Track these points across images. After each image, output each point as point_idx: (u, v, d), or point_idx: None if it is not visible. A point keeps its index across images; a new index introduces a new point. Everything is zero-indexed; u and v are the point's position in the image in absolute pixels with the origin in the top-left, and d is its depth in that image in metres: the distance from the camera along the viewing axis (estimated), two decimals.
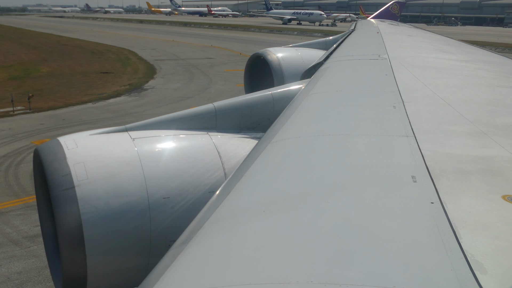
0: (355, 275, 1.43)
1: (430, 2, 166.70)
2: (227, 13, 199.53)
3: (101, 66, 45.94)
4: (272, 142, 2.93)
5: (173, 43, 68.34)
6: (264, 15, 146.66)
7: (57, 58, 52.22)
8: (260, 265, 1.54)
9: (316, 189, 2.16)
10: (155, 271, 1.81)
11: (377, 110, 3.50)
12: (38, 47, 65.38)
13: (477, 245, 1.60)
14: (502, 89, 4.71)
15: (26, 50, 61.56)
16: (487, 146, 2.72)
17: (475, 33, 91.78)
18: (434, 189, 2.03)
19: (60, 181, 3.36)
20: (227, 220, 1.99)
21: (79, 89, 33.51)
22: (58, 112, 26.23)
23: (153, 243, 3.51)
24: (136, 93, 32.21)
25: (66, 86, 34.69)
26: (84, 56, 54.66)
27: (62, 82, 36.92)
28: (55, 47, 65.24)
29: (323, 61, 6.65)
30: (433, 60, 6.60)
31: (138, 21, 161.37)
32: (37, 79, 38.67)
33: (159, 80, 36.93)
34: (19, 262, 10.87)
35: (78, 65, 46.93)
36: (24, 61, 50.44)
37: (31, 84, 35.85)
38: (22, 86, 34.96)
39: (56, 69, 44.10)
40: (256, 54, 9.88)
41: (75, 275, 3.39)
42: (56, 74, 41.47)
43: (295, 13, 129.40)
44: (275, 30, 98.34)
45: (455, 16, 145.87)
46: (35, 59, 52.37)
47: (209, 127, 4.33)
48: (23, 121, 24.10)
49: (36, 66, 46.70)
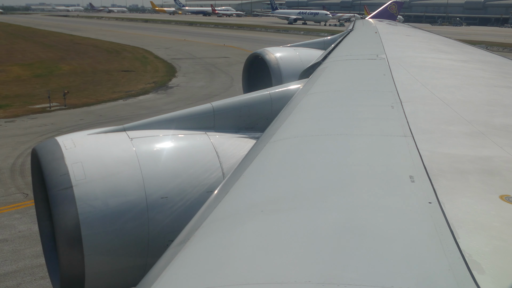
0: (353, 275, 1.42)
1: (435, 2, 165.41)
2: (231, 13, 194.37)
3: (120, 64, 46.06)
4: (270, 142, 2.91)
5: (185, 42, 68.47)
6: (270, 15, 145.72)
7: (75, 57, 52.39)
8: (258, 265, 1.53)
9: (314, 189, 2.14)
10: (153, 270, 1.79)
11: (375, 110, 3.47)
12: (53, 46, 65.20)
13: (475, 245, 1.59)
14: (500, 89, 4.66)
15: (42, 49, 61.41)
16: (485, 146, 2.70)
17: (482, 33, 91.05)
18: (432, 189, 2.01)
19: (58, 181, 3.33)
20: (225, 220, 1.98)
21: (105, 86, 33.99)
22: (93, 109, 26.83)
23: (151, 243, 3.49)
24: (162, 91, 32.71)
25: (92, 84, 34.90)
26: (100, 54, 54.56)
27: (86, 80, 37.22)
28: (70, 46, 65.07)
29: (321, 61, 6.58)
30: (431, 60, 6.56)
31: (143, 20, 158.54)
32: (61, 77, 38.81)
33: (182, 79, 37.29)
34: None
35: (98, 63, 47.00)
36: (43, 59, 50.39)
37: (57, 82, 35.91)
38: (48, 84, 35.01)
39: (77, 67, 44.26)
40: (254, 53, 9.79)
41: (73, 275, 3.36)
42: (78, 72, 41.66)
43: (301, 13, 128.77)
44: (281, 29, 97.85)
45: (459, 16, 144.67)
46: (53, 57, 52.45)
47: (207, 127, 4.31)
48: (62, 116, 24.69)
49: (56, 64, 46.80)
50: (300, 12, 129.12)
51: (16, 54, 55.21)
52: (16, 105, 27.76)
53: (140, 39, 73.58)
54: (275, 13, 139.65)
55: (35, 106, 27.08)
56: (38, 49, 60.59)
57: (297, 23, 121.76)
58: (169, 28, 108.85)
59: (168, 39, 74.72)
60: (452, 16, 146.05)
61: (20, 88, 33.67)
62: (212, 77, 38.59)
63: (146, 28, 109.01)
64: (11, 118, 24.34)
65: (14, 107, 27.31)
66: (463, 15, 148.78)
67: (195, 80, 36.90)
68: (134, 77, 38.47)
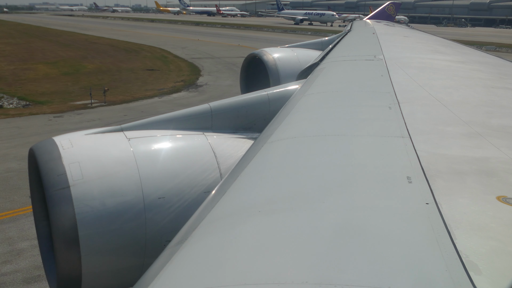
0: (350, 275, 1.41)
1: (439, 4, 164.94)
2: (236, 13, 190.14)
3: (143, 63, 45.97)
4: (268, 142, 2.88)
5: (199, 42, 68.49)
6: (276, 15, 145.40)
7: (96, 56, 51.98)
8: (255, 265, 1.52)
9: (311, 190, 2.12)
10: (150, 271, 1.77)
11: (372, 111, 3.44)
12: (70, 45, 64.67)
13: (472, 245, 1.57)
14: (497, 90, 4.61)
15: (60, 48, 60.86)
16: (482, 147, 2.66)
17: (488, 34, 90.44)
18: (429, 190, 1.99)
19: (55, 181, 3.29)
20: (223, 220, 1.96)
21: (135, 85, 34.55)
22: (132, 105, 27.40)
23: (148, 243, 3.45)
24: (193, 89, 33.24)
25: (121, 82, 35.15)
26: (120, 54, 54.27)
27: (114, 78, 37.33)
28: (87, 45, 64.38)
29: (319, 61, 6.43)
30: (428, 61, 6.48)
31: (149, 20, 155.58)
32: (89, 75, 38.86)
33: (208, 78, 37.73)
34: None
35: (120, 62, 46.86)
36: (65, 58, 50.15)
37: (87, 80, 36.08)
38: (78, 81, 35.53)
39: (102, 66, 44.03)
40: (252, 54, 9.64)
41: (70, 275, 3.32)
42: (104, 70, 41.59)
43: (307, 13, 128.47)
44: (288, 30, 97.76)
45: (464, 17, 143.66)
46: (74, 56, 52.24)
47: (205, 127, 4.26)
48: (106, 113, 25.16)
49: (80, 62, 46.56)
50: (307, 13, 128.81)
51: (37, 52, 55.07)
52: (57, 102, 28.32)
53: (153, 39, 73.01)
54: (281, 13, 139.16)
55: (76, 103, 27.51)
56: (56, 48, 60.32)
57: (303, 23, 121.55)
58: (177, 28, 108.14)
59: (181, 39, 74.11)
60: (457, 17, 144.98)
61: (52, 86, 33.98)
62: (237, 76, 38.03)
63: (155, 28, 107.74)
64: (58, 114, 25.01)
65: (56, 103, 27.88)
66: (468, 16, 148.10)
67: (221, 79, 37.33)
68: (161, 76, 38.57)
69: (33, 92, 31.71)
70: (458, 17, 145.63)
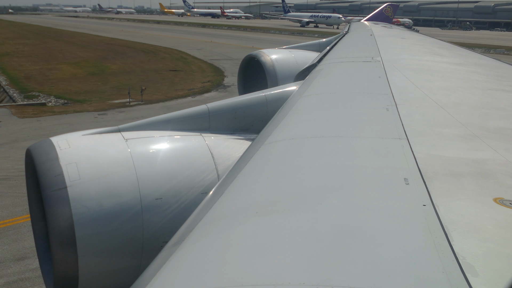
0: (347, 276, 1.40)
1: (444, 7, 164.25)
2: (240, 15, 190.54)
3: (164, 64, 45.70)
4: (266, 143, 2.86)
5: (213, 44, 68.36)
6: (281, 17, 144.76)
7: (115, 57, 51.67)
8: (252, 266, 1.51)
9: (309, 191, 2.10)
10: (147, 272, 1.76)
11: (370, 112, 3.41)
12: (86, 46, 63.98)
13: (469, 247, 1.56)
14: (494, 92, 4.56)
15: (77, 49, 60.30)
16: (479, 149, 2.64)
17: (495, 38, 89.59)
18: (427, 192, 1.98)
19: (52, 181, 3.26)
20: (220, 222, 1.94)
21: (164, 85, 34.90)
22: (169, 104, 27.85)
23: (145, 244, 3.42)
24: (222, 89, 33.29)
25: (150, 82, 34.93)
26: (138, 55, 53.94)
27: (141, 78, 37.09)
28: (103, 46, 63.54)
29: (316, 63, 6.35)
30: (426, 62, 6.44)
31: (155, 21, 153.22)
32: (115, 75, 38.96)
33: (232, 78, 36.75)
34: None
35: (141, 63, 46.72)
36: (86, 59, 49.91)
37: (115, 80, 36.44)
38: (107, 81, 35.85)
39: (125, 67, 43.94)
40: (250, 55, 9.53)
41: (67, 276, 3.28)
42: (128, 71, 41.56)
43: (313, 16, 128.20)
44: (295, 32, 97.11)
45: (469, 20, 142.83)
46: (93, 56, 51.89)
47: (203, 128, 4.22)
48: (146, 111, 25.25)
49: (101, 63, 46.34)
50: (313, 15, 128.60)
51: (56, 53, 54.87)
52: (95, 100, 28.77)
53: (166, 41, 72.24)
54: (287, 16, 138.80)
55: (114, 101, 27.92)
56: (74, 49, 59.86)
57: (308, 26, 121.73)
58: (185, 30, 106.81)
59: (193, 40, 73.25)
60: (462, 20, 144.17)
61: (83, 85, 34.22)
62: None
63: (163, 30, 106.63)
64: (101, 112, 25.61)
65: (95, 102, 27.97)
66: (473, 19, 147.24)
67: None
68: (186, 77, 38.60)
69: (67, 91, 32.15)
70: (462, 20, 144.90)
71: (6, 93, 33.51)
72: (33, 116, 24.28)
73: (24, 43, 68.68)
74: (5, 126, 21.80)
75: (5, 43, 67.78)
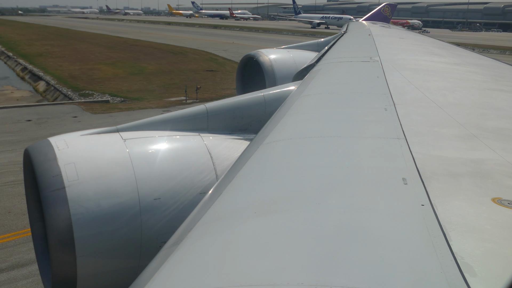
0: (346, 277, 1.38)
1: (453, 8, 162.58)
2: (248, 16, 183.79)
3: (198, 65, 44.81)
4: (264, 143, 2.82)
5: (236, 45, 67.77)
6: (293, 18, 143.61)
7: (147, 57, 50.31)
8: (251, 266, 1.50)
9: (307, 191, 2.07)
10: (145, 272, 1.75)
11: (368, 112, 3.35)
12: (112, 47, 62.04)
13: (467, 247, 1.55)
14: (492, 92, 4.48)
15: (105, 50, 58.41)
16: (477, 148, 2.61)
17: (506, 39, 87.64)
18: (425, 192, 1.96)
19: (50, 182, 3.22)
20: (218, 222, 1.92)
21: (208, 84, 34.91)
22: None
23: (143, 245, 3.38)
24: None
25: (193, 81, 33.79)
26: (168, 56, 52.30)
27: (183, 78, 36.56)
28: (129, 47, 61.81)
29: (315, 63, 6.27)
30: (424, 62, 6.36)
31: (165, 23, 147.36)
32: (156, 75, 38.21)
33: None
34: None
35: (175, 64, 45.52)
36: (120, 59, 48.88)
37: (158, 79, 36.12)
38: (151, 81, 35.32)
39: (162, 67, 42.94)
40: (248, 55, 9.40)
41: (65, 276, 3.24)
42: (165, 71, 40.69)
43: (324, 17, 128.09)
44: (308, 33, 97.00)
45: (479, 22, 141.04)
46: (124, 57, 50.58)
47: (201, 128, 4.17)
48: None
49: (136, 64, 45.36)
50: (324, 17, 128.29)
51: (86, 54, 53.23)
52: (151, 98, 28.31)
53: (187, 42, 70.19)
54: (298, 17, 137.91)
55: (171, 99, 28.07)
56: (102, 50, 58.21)
57: (319, 27, 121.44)
58: (199, 31, 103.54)
59: (215, 42, 71.02)
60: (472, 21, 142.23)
61: (130, 84, 34.01)
62: None
63: (178, 31, 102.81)
64: (164, 108, 25.21)
65: (152, 100, 27.98)
66: (482, 20, 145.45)
67: None
68: (225, 76, 37.73)
69: (117, 90, 31.87)
70: (472, 21, 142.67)
71: (58, 91, 34.05)
72: (104, 112, 24.90)
73: (50, 44, 66.83)
74: (84, 121, 22.85)
75: (32, 44, 65.78)
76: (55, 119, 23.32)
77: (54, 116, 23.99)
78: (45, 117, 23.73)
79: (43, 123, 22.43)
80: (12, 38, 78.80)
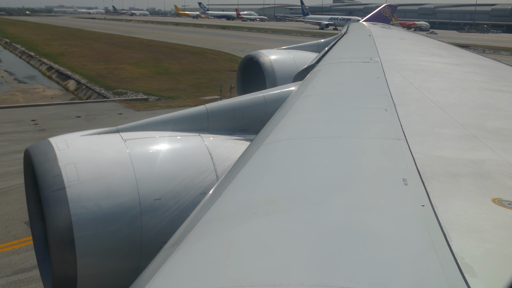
0: (346, 277, 1.38)
1: (460, 9, 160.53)
2: (255, 17, 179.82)
3: (220, 65, 44.97)
4: (264, 144, 2.82)
5: (252, 46, 65.09)
6: (301, 19, 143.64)
7: (167, 58, 50.48)
8: (251, 267, 1.49)
9: (307, 191, 2.06)
10: (145, 272, 1.73)
11: (368, 113, 3.33)
12: (130, 47, 62.02)
13: (467, 248, 1.53)
14: (492, 93, 4.45)
15: (124, 50, 58.47)
16: (477, 149, 2.59)
17: None
18: (425, 192, 1.94)
19: (50, 182, 3.20)
20: (218, 222, 1.90)
21: (234, 83, 37.70)
22: None
23: (144, 245, 3.35)
24: None
25: (220, 81, 33.50)
26: (188, 56, 52.48)
27: (209, 78, 36.90)
28: (147, 48, 61.84)
29: (315, 63, 6.20)
30: (424, 63, 6.29)
31: (173, 23, 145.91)
32: (182, 75, 38.53)
33: None
34: None
35: (197, 64, 45.77)
36: (141, 60, 49.10)
37: (185, 79, 36.48)
38: (179, 81, 35.76)
39: (185, 67, 43.38)
40: (248, 56, 9.31)
41: (65, 276, 3.22)
42: (190, 71, 41.07)
43: (332, 18, 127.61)
44: (317, 34, 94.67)
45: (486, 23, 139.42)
46: (145, 57, 50.76)
47: (201, 128, 4.14)
48: None
49: (159, 64, 45.61)
50: (332, 18, 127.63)
51: (107, 54, 53.54)
52: (186, 97, 28.61)
53: (201, 42, 69.92)
54: (306, 18, 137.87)
55: (205, 98, 28.54)
56: (120, 50, 58.45)
57: (328, 28, 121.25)
58: (209, 31, 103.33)
59: (229, 42, 70.82)
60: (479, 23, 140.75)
61: (160, 84, 34.22)
62: None
63: (188, 31, 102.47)
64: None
65: (188, 98, 28.27)
66: (489, 22, 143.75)
67: None
68: None
69: (149, 88, 32.17)
70: (480, 23, 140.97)
71: (91, 90, 34.07)
72: (145, 110, 25.68)
73: (67, 44, 66.79)
74: (130, 118, 23.39)
75: (50, 44, 65.72)
76: (102, 115, 24.29)
77: (100, 113, 24.98)
78: (92, 113, 24.70)
79: (92, 119, 23.38)
80: (28, 38, 78.18)
